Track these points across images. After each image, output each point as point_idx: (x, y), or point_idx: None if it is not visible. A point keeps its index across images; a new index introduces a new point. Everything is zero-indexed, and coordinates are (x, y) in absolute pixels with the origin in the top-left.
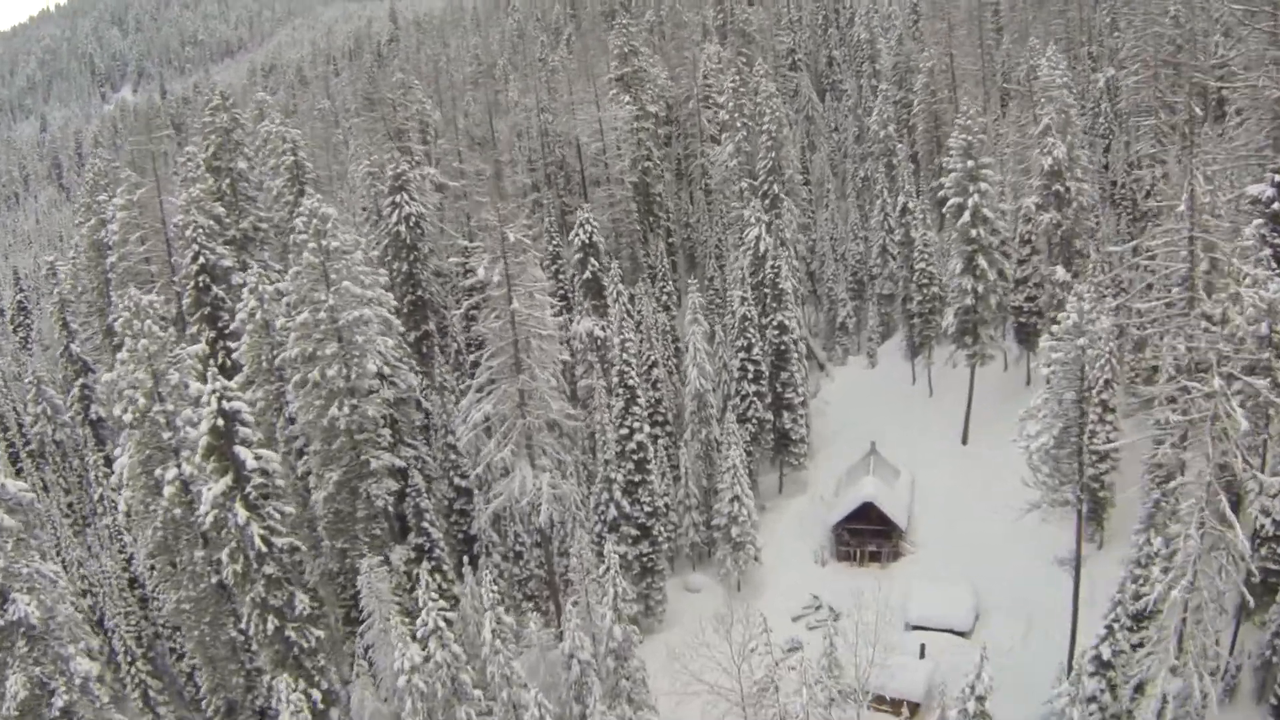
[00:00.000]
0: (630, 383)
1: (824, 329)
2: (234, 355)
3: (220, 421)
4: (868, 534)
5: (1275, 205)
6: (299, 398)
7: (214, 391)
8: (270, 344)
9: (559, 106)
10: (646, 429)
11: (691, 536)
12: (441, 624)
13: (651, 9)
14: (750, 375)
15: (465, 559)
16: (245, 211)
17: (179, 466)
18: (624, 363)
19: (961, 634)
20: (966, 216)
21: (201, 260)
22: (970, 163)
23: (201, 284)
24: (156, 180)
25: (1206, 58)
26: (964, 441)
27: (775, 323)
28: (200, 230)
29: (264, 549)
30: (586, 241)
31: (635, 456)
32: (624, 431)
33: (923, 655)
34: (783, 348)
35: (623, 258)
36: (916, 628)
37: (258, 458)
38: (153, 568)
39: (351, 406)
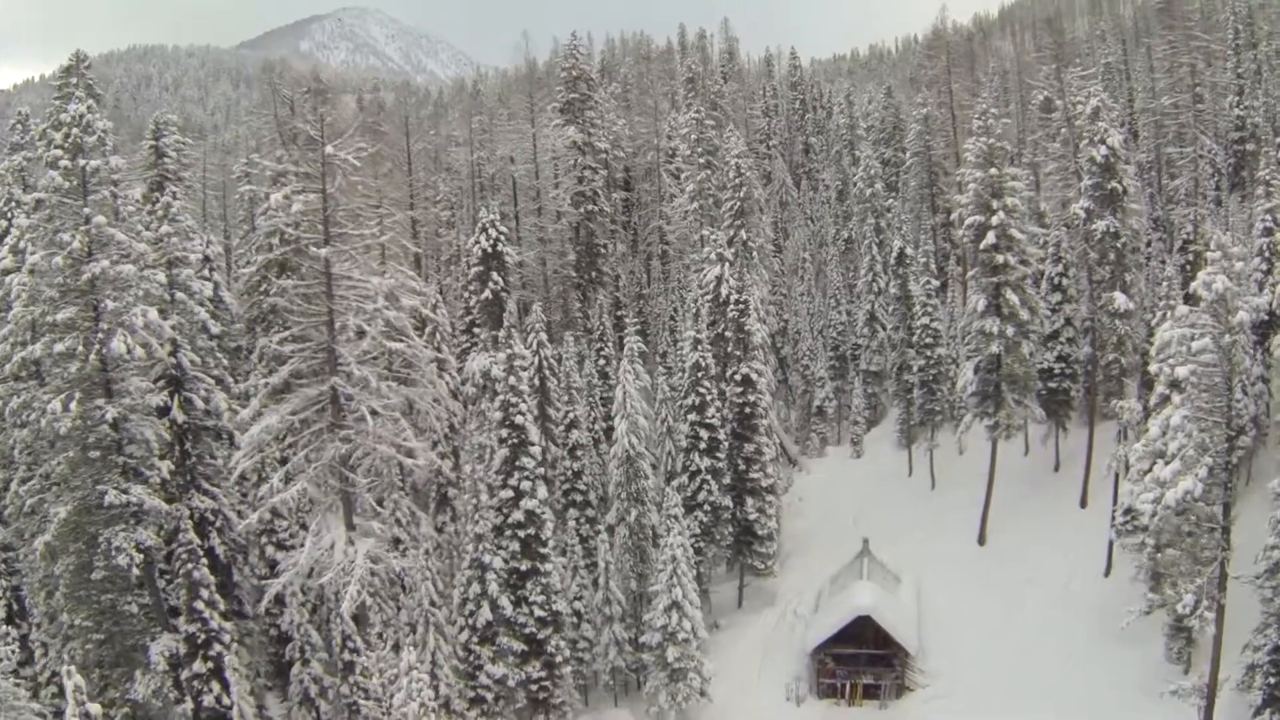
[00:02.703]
0: (517, 421)
1: (796, 422)
2: None
3: None
4: (862, 660)
5: None
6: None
7: None
8: None
9: (495, 140)
10: (542, 493)
11: (613, 658)
12: None
13: (619, 82)
14: (703, 445)
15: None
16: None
17: None
18: (511, 390)
19: None
20: (991, 238)
21: None
22: (992, 170)
23: None
24: None
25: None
26: (981, 541)
27: (738, 376)
28: None
29: None
30: (489, 250)
31: (523, 533)
32: (507, 494)
33: None
34: (747, 410)
35: (552, 309)
36: None
37: None
38: None
39: (89, 406)
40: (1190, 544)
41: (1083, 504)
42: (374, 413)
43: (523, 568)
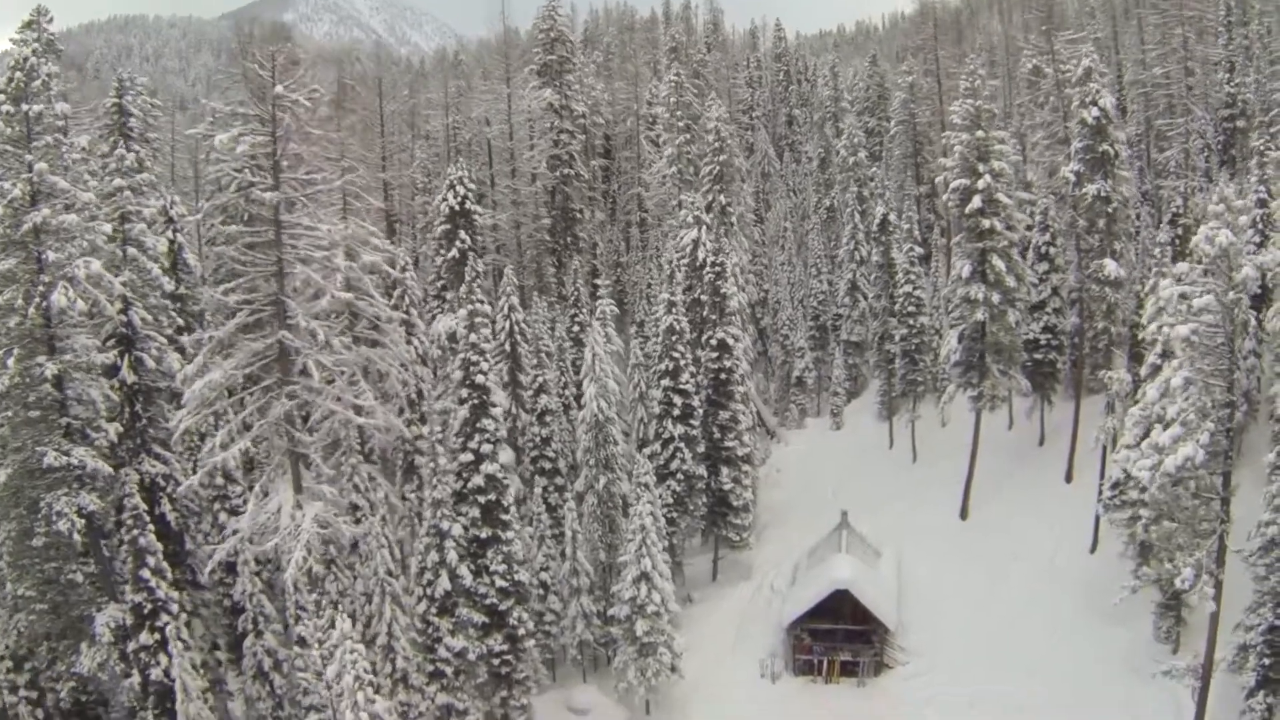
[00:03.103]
0: (478, 380)
1: (775, 393)
2: None
3: None
4: (840, 636)
5: None
6: None
7: None
8: None
9: (471, 104)
10: (504, 457)
11: (581, 632)
12: None
13: (601, 50)
14: (677, 412)
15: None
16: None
17: None
18: (471, 349)
19: None
20: (976, 203)
21: None
22: (979, 133)
23: None
24: None
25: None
26: (963, 515)
27: (714, 341)
28: None
29: None
30: (456, 208)
31: (484, 498)
32: (467, 458)
33: None
34: (723, 376)
35: (526, 274)
36: None
37: None
38: None
39: (30, 364)
40: (1188, 515)
41: (1068, 478)
42: (323, 369)
43: (483, 535)
